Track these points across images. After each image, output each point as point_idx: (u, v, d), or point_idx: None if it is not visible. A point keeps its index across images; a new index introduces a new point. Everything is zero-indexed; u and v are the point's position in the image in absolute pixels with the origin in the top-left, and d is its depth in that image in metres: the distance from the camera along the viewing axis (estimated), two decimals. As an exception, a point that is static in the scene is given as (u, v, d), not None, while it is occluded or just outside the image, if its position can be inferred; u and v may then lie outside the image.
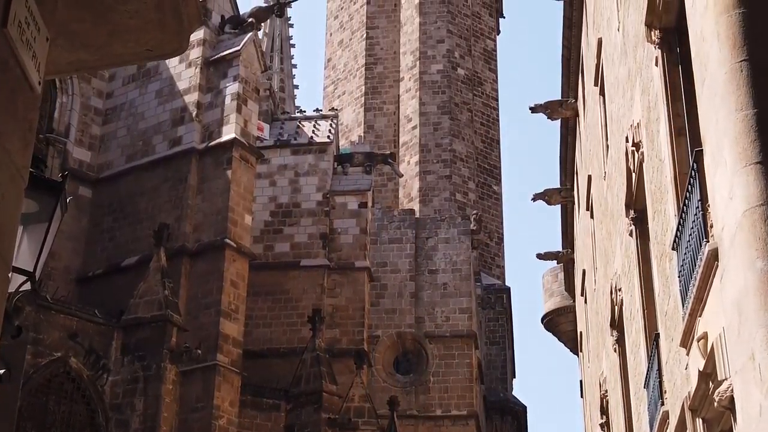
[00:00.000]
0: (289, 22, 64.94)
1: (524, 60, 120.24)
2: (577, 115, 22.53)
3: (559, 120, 23.80)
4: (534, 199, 25.66)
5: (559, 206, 26.91)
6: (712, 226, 7.12)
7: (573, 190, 25.00)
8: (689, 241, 7.87)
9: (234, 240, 24.27)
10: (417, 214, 39.03)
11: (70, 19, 4.61)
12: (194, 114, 25.75)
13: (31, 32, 4.15)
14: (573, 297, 29.02)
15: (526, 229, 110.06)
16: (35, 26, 4.19)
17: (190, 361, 22.45)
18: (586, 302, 23.53)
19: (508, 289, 43.37)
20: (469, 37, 48.20)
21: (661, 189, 9.85)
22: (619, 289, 14.35)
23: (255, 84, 26.22)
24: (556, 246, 29.51)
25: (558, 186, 26.13)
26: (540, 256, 28.62)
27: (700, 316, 7.68)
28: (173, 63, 26.57)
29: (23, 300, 17.62)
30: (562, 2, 20.96)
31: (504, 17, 53.23)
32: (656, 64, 9.64)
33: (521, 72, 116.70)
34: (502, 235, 46.54)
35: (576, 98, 22.23)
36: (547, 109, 23.05)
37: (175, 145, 25.75)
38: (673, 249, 8.75)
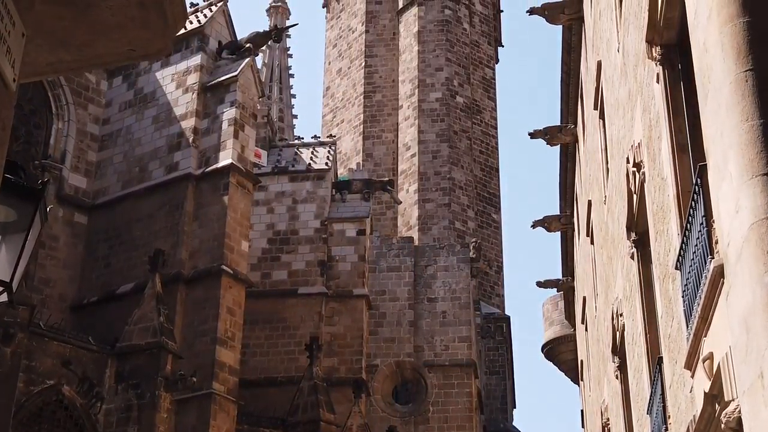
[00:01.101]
0: (288, 52, 65.24)
1: (523, 88, 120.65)
2: (576, 140, 22.47)
3: (559, 146, 23.71)
4: (534, 226, 25.52)
5: (558, 233, 26.76)
6: (717, 242, 6.95)
7: (573, 216, 24.90)
8: (693, 259, 7.70)
9: (230, 266, 24.06)
10: (416, 243, 38.83)
11: (49, 16, 4.42)
12: (191, 140, 25.62)
13: (5, 26, 3.97)
14: (573, 325, 28.84)
15: (526, 257, 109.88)
16: (9, 20, 4.00)
17: (186, 390, 22.15)
18: (586, 330, 23.35)
19: (508, 318, 43.12)
20: (468, 66, 48.24)
21: (663, 208, 9.70)
22: (621, 314, 14.19)
23: (252, 109, 26.13)
24: (557, 274, 29.35)
25: (558, 213, 26.00)
26: (540, 284, 28.47)
27: (705, 336, 7.50)
28: (170, 89, 26.51)
29: (16, 327, 17.35)
30: (561, 27, 20.91)
31: (503, 46, 53.37)
32: (657, 81, 9.52)
33: (520, 100, 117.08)
34: (502, 263, 46.32)
35: (575, 124, 22.17)
36: (547, 134, 22.98)
37: (172, 171, 25.59)
38: (676, 269, 8.58)
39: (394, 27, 49.16)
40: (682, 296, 8.35)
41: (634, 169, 11.36)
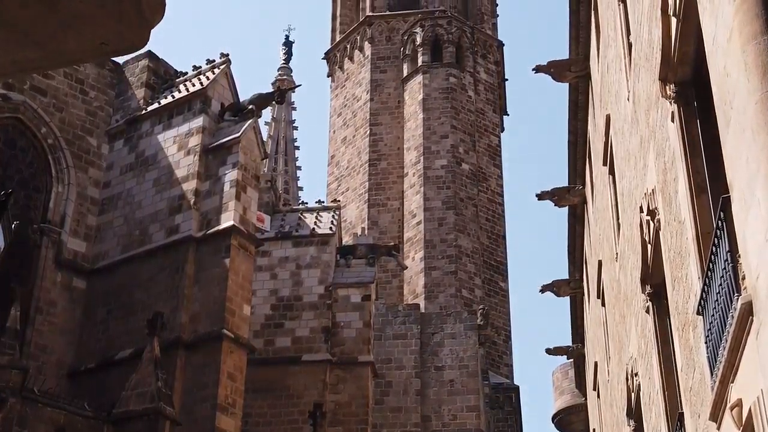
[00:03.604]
0: (294, 124, 65.57)
1: (528, 155, 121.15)
2: (584, 201, 22.22)
3: (567, 208, 23.44)
4: (542, 291, 25.18)
5: (568, 298, 26.38)
6: (744, 278, 6.53)
7: (582, 280, 24.57)
8: (717, 300, 7.29)
9: (232, 331, 23.50)
10: (422, 310, 38.33)
11: (13, 4, 4.01)
12: (192, 202, 25.27)
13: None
14: (584, 394, 28.33)
15: (535, 324, 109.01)
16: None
17: (185, 458, 21.48)
18: (598, 396, 22.85)
19: (517, 387, 42.36)
20: (473, 133, 48.13)
21: (681, 254, 9.30)
22: (636, 374, 13.76)
23: (255, 171, 25.83)
24: (566, 341, 28.95)
25: (566, 277, 25.67)
26: (549, 351, 28.05)
27: (732, 382, 7.04)
28: (172, 151, 26.29)
29: (8, 392, 16.82)
30: (566, 90, 20.78)
31: (508, 115, 53.43)
32: (672, 120, 9.20)
33: (525, 166, 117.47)
34: (510, 332, 45.69)
35: (583, 184, 21.93)
36: (554, 196, 22.73)
37: (172, 234, 25.19)
38: (698, 314, 8.16)
39: (399, 95, 49.20)
40: (705, 342, 7.91)
41: (648, 217, 11.02)
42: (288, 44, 66.77)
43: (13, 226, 21.18)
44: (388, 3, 51.91)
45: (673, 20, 8.62)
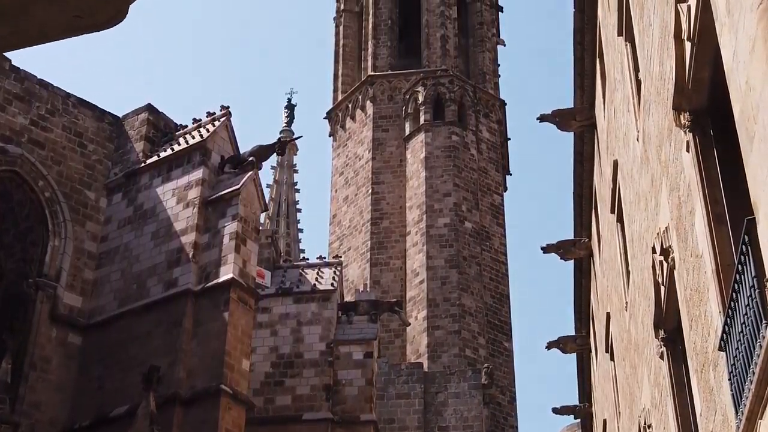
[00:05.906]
0: (296, 187, 65.48)
1: (532, 215, 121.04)
2: (591, 254, 21.88)
3: (572, 261, 23.10)
4: (548, 347, 24.75)
5: (574, 356, 25.92)
6: (773, 304, 6.12)
7: (589, 337, 24.13)
8: (742, 331, 6.90)
9: (230, 386, 22.90)
10: (425, 370, 37.73)
11: (-25, -29, 3.63)
12: (191, 255, 24.84)
13: None
14: (592, 457, 27.66)
15: (540, 384, 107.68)
16: None
17: None
18: (608, 456, 22.21)
19: (523, 450, 41.63)
20: (476, 191, 47.93)
21: (699, 290, 8.89)
22: (649, 426, 13.32)
23: (255, 224, 25.47)
24: (572, 401, 28.41)
25: (573, 334, 25.24)
26: (556, 411, 27.45)
27: (761, 418, 6.64)
28: (171, 204, 25.92)
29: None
30: (571, 145, 20.55)
31: (510, 174, 53.25)
32: (687, 150, 8.84)
33: (529, 226, 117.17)
34: (515, 392, 44.97)
35: (589, 237, 21.61)
36: (560, 249, 22.42)
37: (171, 288, 24.68)
38: (720, 350, 7.72)
39: (401, 153, 49.09)
40: (729, 379, 7.48)
41: (661, 257, 10.62)
42: (290, 107, 67.09)
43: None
44: (390, 62, 52.09)
45: (688, 45, 8.32)
